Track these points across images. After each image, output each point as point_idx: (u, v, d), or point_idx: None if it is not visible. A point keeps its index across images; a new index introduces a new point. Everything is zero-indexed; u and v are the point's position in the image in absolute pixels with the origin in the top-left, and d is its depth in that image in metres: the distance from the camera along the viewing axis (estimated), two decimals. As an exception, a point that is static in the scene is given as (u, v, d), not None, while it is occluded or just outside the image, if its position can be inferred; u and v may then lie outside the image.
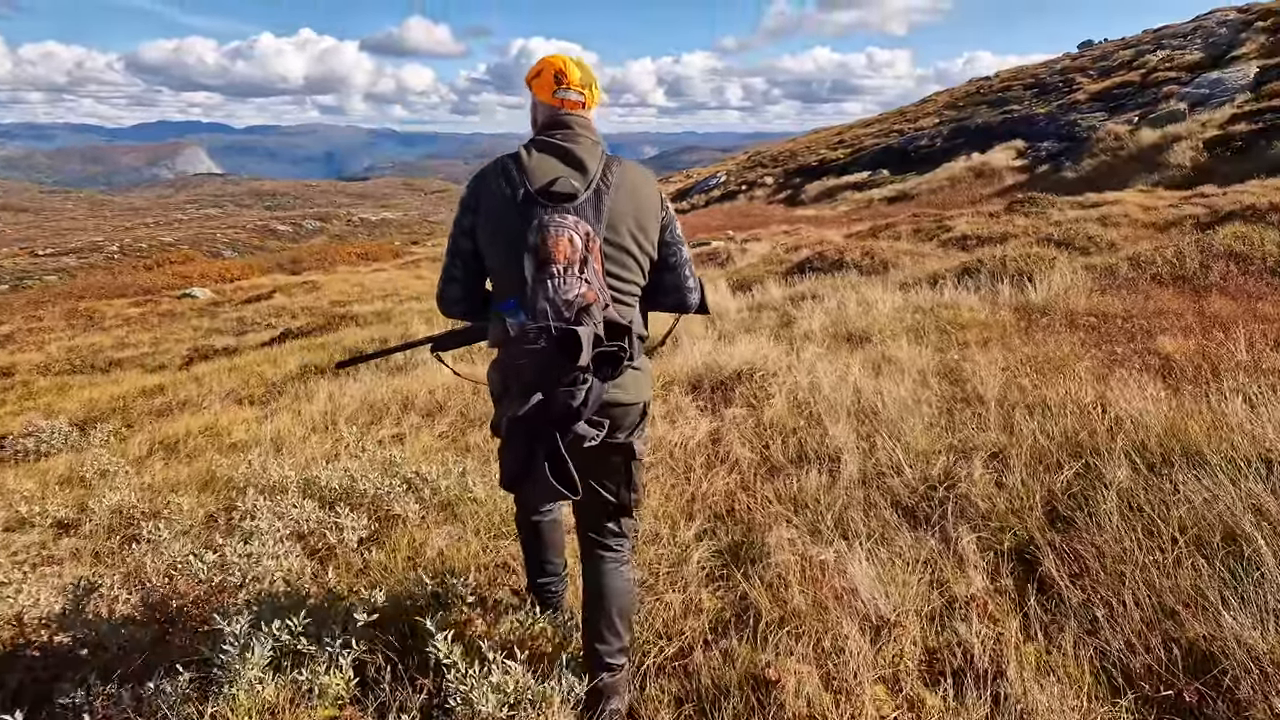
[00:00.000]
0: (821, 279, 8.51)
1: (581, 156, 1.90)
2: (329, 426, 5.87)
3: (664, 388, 5.38)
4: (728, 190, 44.96)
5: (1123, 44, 34.22)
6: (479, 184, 1.95)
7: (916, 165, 32.24)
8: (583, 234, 1.78)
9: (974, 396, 3.92)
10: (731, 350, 5.86)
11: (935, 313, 6.04)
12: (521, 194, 1.83)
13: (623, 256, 1.88)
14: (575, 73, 1.97)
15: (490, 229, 1.90)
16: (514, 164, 1.89)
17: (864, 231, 12.89)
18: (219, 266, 30.98)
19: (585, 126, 1.98)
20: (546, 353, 1.70)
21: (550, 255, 1.75)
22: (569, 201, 1.82)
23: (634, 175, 1.94)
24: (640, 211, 1.91)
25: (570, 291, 1.73)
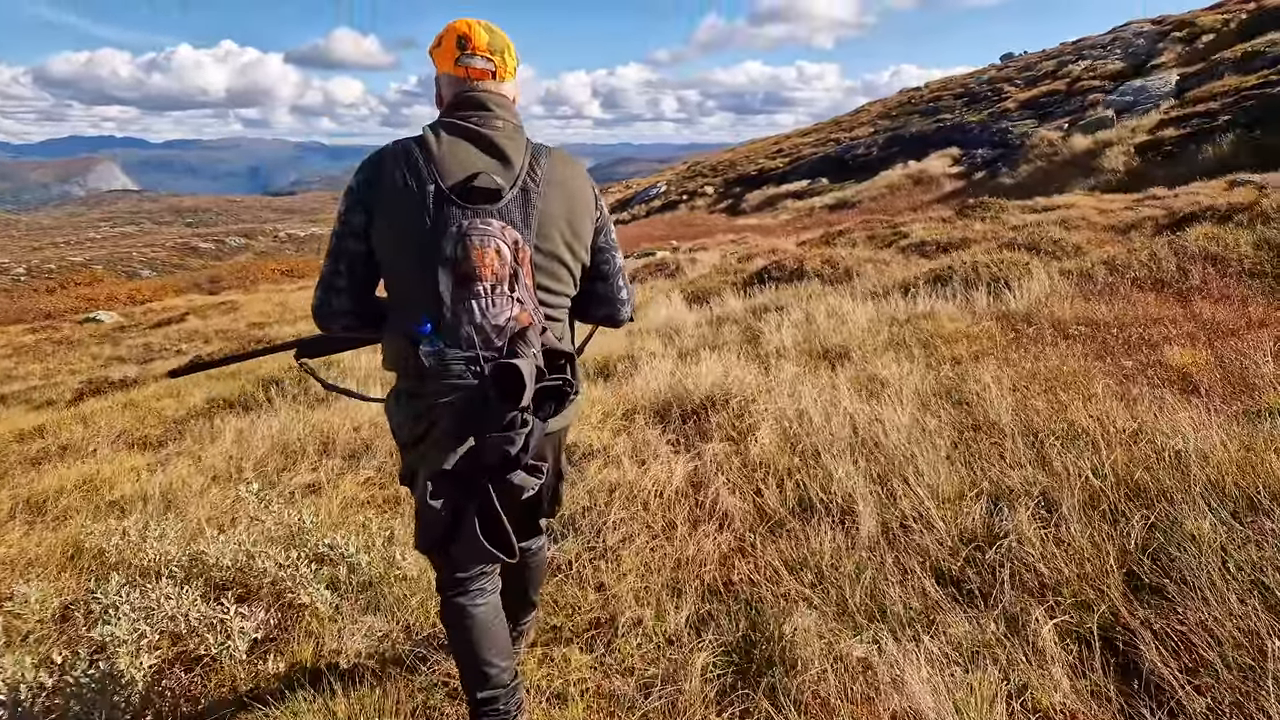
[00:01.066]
0: (783, 289, 8.03)
1: (503, 145, 1.57)
2: (234, 474, 5.05)
3: (626, 418, 4.76)
4: (668, 200, 44.78)
5: (1044, 55, 35.37)
6: (374, 172, 1.57)
7: (855, 173, 32.58)
8: (511, 243, 1.49)
9: (987, 423, 3.41)
10: (698, 371, 5.27)
11: (914, 324, 5.58)
12: (432, 191, 1.50)
13: (555, 266, 1.62)
14: (483, 36, 1.64)
15: (391, 232, 1.55)
16: (420, 150, 1.54)
17: (817, 239, 12.56)
18: (129, 288, 29.03)
19: (503, 106, 1.64)
20: (477, 390, 1.42)
21: (474, 270, 1.45)
22: (492, 202, 1.51)
23: (566, 169, 1.64)
24: (573, 212, 1.63)
25: (501, 315, 1.45)
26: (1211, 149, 14.10)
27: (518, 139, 1.61)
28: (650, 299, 9.54)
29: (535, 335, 1.47)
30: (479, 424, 1.42)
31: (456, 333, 1.45)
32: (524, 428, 1.43)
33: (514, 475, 1.47)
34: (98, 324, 21.91)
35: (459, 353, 1.44)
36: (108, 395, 8.92)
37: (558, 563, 2.86)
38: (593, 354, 6.87)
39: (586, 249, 1.69)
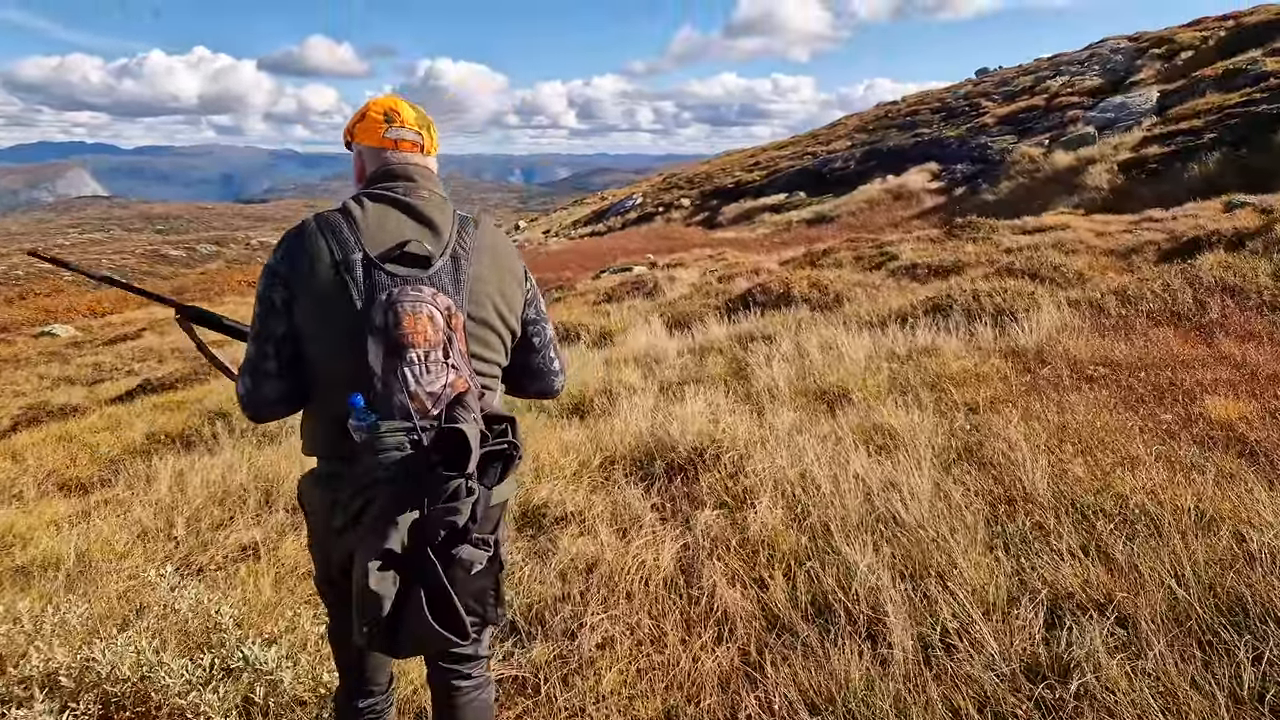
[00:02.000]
0: (769, 316, 7.60)
1: (430, 214, 1.55)
2: (164, 530, 4.49)
3: (604, 469, 4.27)
4: (644, 212, 44.41)
5: (1021, 70, 35.58)
6: (296, 247, 1.51)
7: (833, 187, 32.41)
8: (444, 309, 1.46)
9: (1021, 493, 2.97)
10: (683, 413, 4.80)
11: (916, 361, 5.16)
12: (360, 260, 1.45)
13: (486, 334, 1.58)
14: (409, 112, 1.66)
15: (317, 306, 1.47)
16: (345, 220, 1.50)
17: (800, 259, 12.17)
18: (89, 299, 28.02)
19: (429, 178, 1.63)
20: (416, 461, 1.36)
21: (406, 338, 1.41)
22: (423, 269, 1.48)
23: (494, 238, 1.62)
24: (504, 281, 1.60)
25: (436, 382, 1.41)
26: (1198, 167, 13.95)
27: (445, 209, 1.57)
28: (629, 322, 9.07)
29: (474, 400, 1.41)
30: (421, 497, 1.34)
31: (390, 403, 1.38)
32: (470, 496, 1.35)
33: (461, 550, 1.39)
34: (53, 338, 21.00)
35: (394, 424, 1.37)
36: (45, 425, 8.26)
37: (523, 679, 2.36)
38: (567, 389, 6.37)
39: (517, 319, 1.65)
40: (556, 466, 4.28)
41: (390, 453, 1.35)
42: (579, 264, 24.92)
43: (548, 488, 3.95)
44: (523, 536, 3.55)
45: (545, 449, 4.52)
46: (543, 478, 4.16)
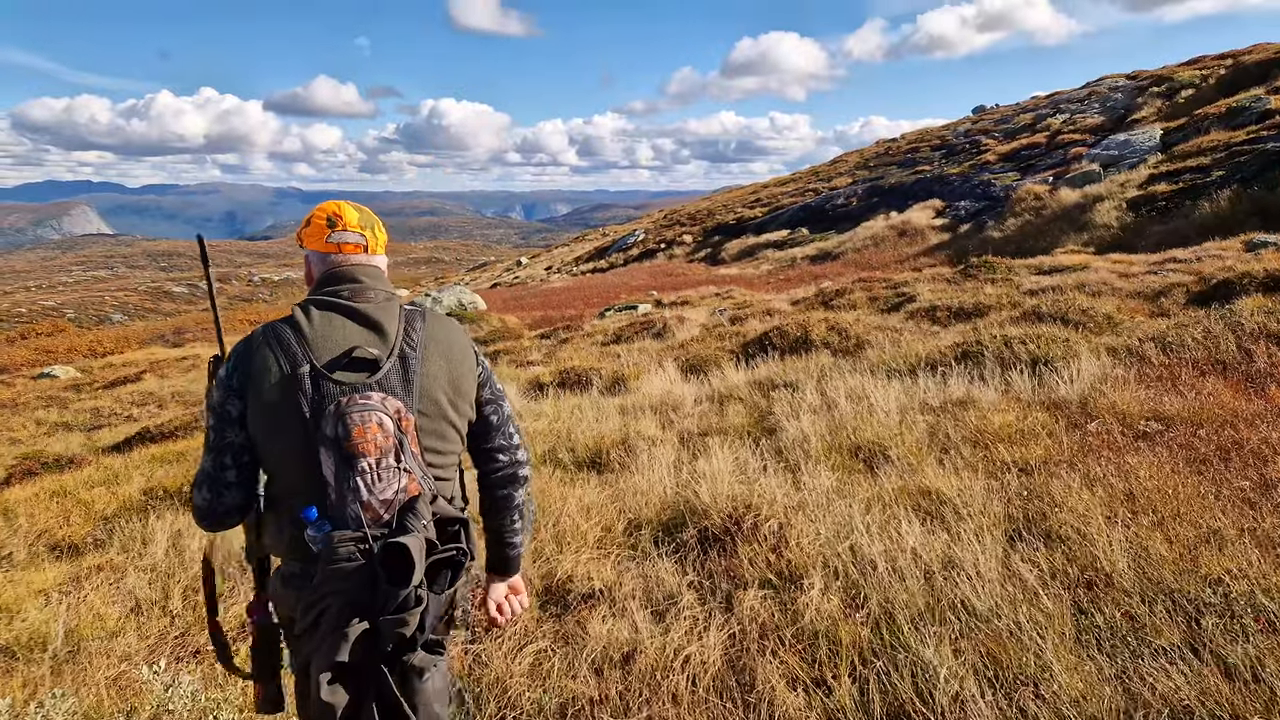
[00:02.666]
0: (788, 361, 7.36)
1: (377, 317, 1.56)
2: (160, 601, 4.21)
3: (630, 535, 4.00)
4: (646, 248, 44.59)
5: (1019, 108, 35.92)
6: (245, 359, 1.52)
7: (836, 224, 32.52)
8: (393, 413, 1.48)
9: (1101, 576, 2.70)
10: (708, 469, 4.55)
11: (952, 414, 4.91)
12: (307, 370, 1.47)
13: (441, 427, 1.58)
14: (352, 214, 1.67)
15: (269, 417, 1.49)
16: (292, 332, 1.52)
17: (812, 300, 11.98)
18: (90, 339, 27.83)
19: (375, 277, 1.65)
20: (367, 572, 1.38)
21: (357, 448, 1.43)
22: (371, 373, 1.50)
23: (441, 329, 1.64)
24: (455, 371, 1.61)
25: (388, 489, 1.44)
26: (1209, 205, 13.86)
27: (390, 308, 1.60)
28: (641, 367, 8.85)
29: (425, 505, 1.45)
30: (370, 608, 1.38)
31: (343, 513, 1.43)
32: (418, 606, 1.38)
33: (412, 657, 1.43)
34: (52, 379, 20.76)
35: (347, 533, 1.41)
36: (40, 478, 7.97)
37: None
38: (583, 440, 6.13)
39: (472, 405, 1.68)
40: (578, 533, 4.01)
41: (342, 563, 1.38)
42: (583, 301, 24.82)
43: (571, 559, 3.67)
44: (547, 617, 3.27)
45: (565, 511, 4.25)
46: (564, 546, 3.89)
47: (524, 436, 1.82)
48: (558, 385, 8.29)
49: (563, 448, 6.06)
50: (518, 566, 1.90)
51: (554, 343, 14.18)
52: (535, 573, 3.65)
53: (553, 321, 19.85)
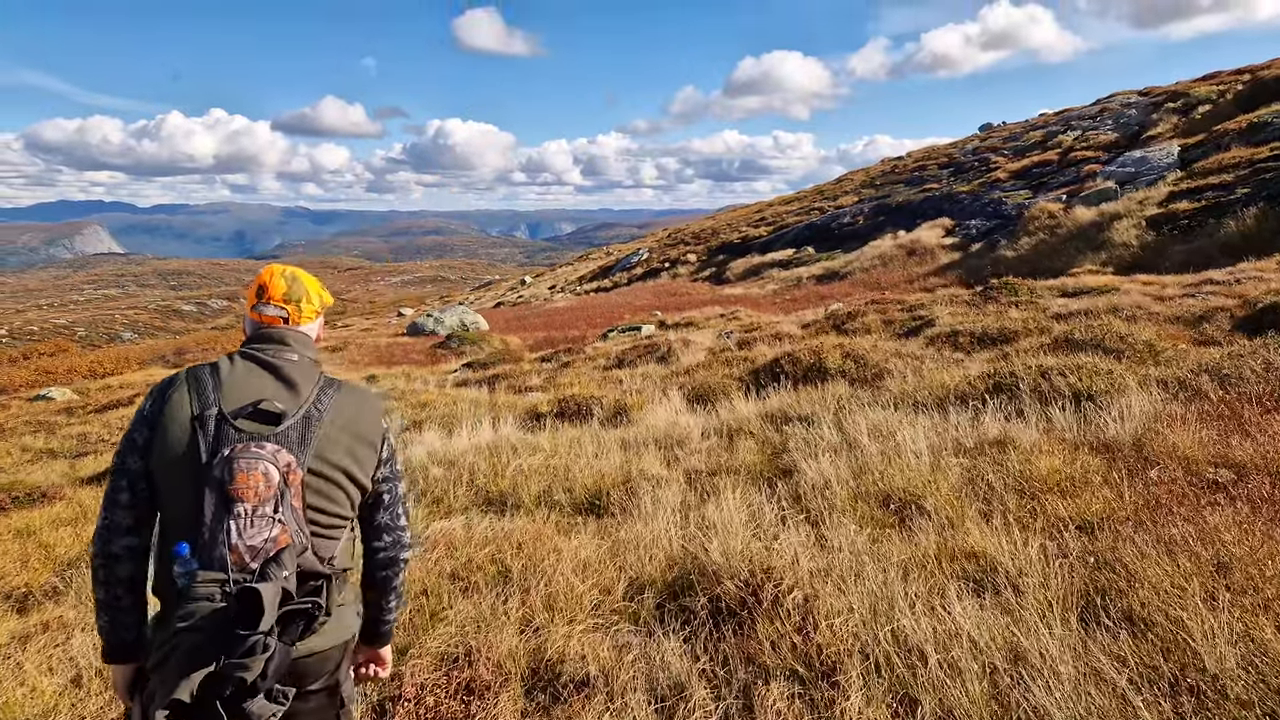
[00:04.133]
0: (802, 392, 6.88)
1: (293, 375, 1.67)
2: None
3: (629, 599, 3.51)
4: (650, 268, 44.29)
5: (1028, 125, 35.58)
6: (163, 395, 1.63)
7: (842, 242, 32.15)
8: (282, 465, 1.55)
9: (1205, 679, 2.20)
10: (718, 518, 4.07)
11: (990, 456, 4.42)
12: (213, 414, 1.57)
13: (330, 488, 1.65)
14: (280, 286, 1.79)
15: (168, 453, 1.57)
16: (210, 376, 1.64)
17: (823, 323, 11.51)
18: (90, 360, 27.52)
19: (300, 343, 1.76)
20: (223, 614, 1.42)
21: (237, 493, 1.50)
22: (273, 426, 1.58)
23: (352, 402, 1.73)
24: (357, 441, 1.70)
25: (258, 536, 1.49)
26: (1235, 224, 13.36)
27: (311, 372, 1.70)
28: (645, 395, 8.38)
29: (291, 557, 1.50)
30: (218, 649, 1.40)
31: (211, 553, 1.47)
32: (264, 653, 1.41)
33: (251, 704, 1.45)
34: (48, 401, 20.40)
35: (210, 574, 1.45)
36: (8, 514, 7.52)
37: None
38: (582, 479, 5.66)
39: (368, 477, 1.73)
40: (572, 596, 3.52)
41: (201, 602, 1.42)
42: (586, 322, 24.39)
43: (563, 631, 3.19)
44: (534, 709, 2.78)
45: (559, 570, 3.77)
46: (556, 613, 3.40)
47: (409, 519, 1.91)
48: (556, 415, 7.83)
49: (559, 488, 5.58)
50: (387, 640, 1.99)
51: (555, 366, 13.73)
52: (523, 648, 3.16)
53: (555, 343, 19.42)
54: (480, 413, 8.53)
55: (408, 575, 4.04)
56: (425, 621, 3.55)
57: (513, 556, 4.23)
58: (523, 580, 3.84)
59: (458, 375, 14.46)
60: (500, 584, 3.90)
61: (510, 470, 5.95)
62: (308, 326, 1.82)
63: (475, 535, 4.64)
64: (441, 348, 20.61)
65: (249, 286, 1.83)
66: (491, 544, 4.40)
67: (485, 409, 8.88)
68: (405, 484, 1.93)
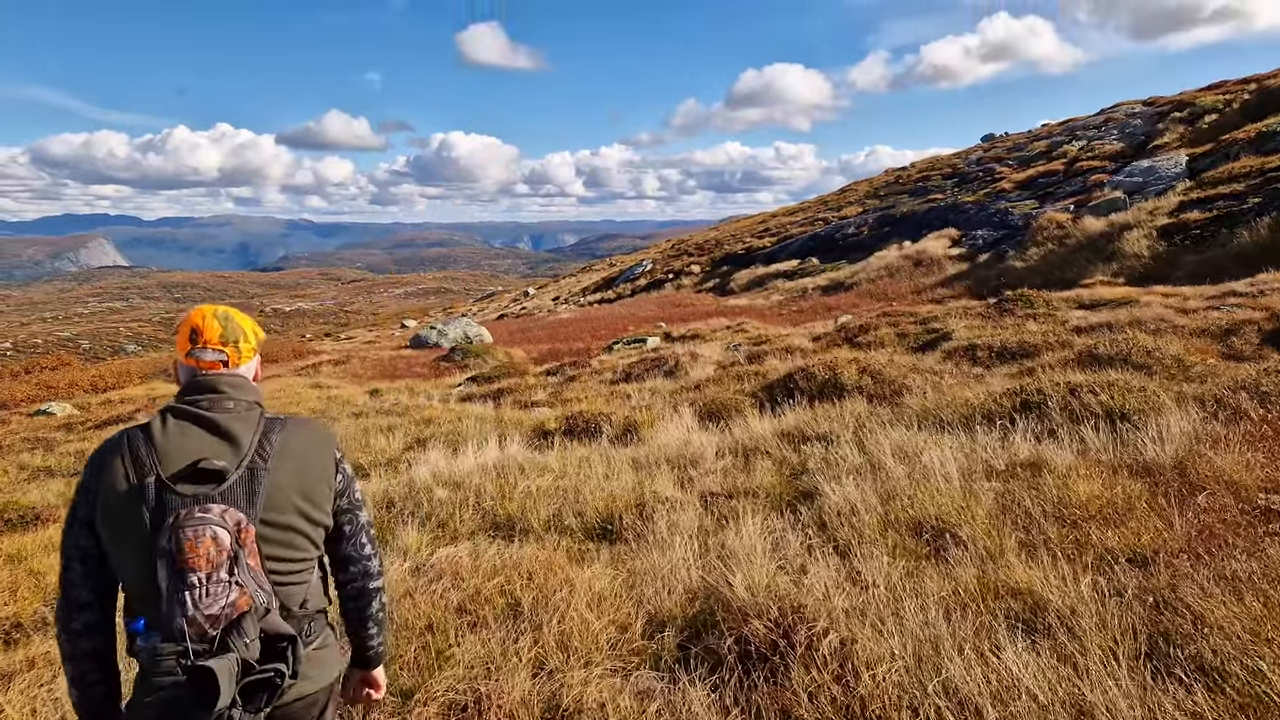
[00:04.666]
0: (818, 408, 6.67)
1: (230, 427, 1.59)
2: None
3: (648, 637, 3.30)
4: (654, 279, 44.19)
5: (1031, 135, 35.48)
6: (98, 467, 1.57)
7: (847, 253, 32.02)
8: (232, 525, 1.48)
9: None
10: (740, 546, 3.87)
11: (1023, 479, 4.21)
12: (152, 482, 1.50)
13: (288, 535, 1.60)
14: (214, 328, 1.69)
15: (113, 528, 1.52)
16: (144, 441, 1.55)
17: (835, 336, 11.31)
18: (92, 374, 27.37)
19: (237, 386, 1.67)
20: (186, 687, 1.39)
21: (189, 562, 1.43)
22: (216, 484, 1.52)
23: (300, 440, 1.67)
24: (307, 480, 1.65)
25: (215, 604, 1.43)
26: (1248, 233, 13.17)
27: (249, 418, 1.62)
28: (655, 411, 8.17)
29: (253, 621, 1.46)
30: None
31: (170, 626, 1.42)
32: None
33: None
34: (48, 416, 20.23)
35: (171, 646, 1.41)
36: (3, 537, 7.32)
37: None
38: (593, 502, 5.45)
39: (327, 513, 1.70)
40: (588, 635, 3.31)
41: (164, 676, 1.41)
42: (590, 334, 24.21)
43: (579, 676, 2.97)
44: (549, 768, 2.57)
45: (573, 605, 3.56)
46: (571, 653, 3.19)
47: (375, 548, 1.84)
48: (564, 433, 7.62)
49: (569, 511, 5.37)
50: (378, 663, 1.94)
51: (560, 380, 13.53)
52: (536, 695, 2.95)
53: (559, 355, 19.22)
54: (486, 430, 8.33)
55: (412, 607, 3.82)
56: (431, 661, 3.35)
57: (523, 588, 4.02)
58: (534, 615, 3.63)
59: (462, 390, 14.27)
60: (510, 618, 3.70)
61: (519, 492, 5.75)
62: (245, 367, 1.74)
63: (483, 564, 4.43)
64: (445, 361, 20.43)
65: (178, 331, 1.73)
66: (500, 574, 4.19)
67: (491, 426, 8.68)
68: (368, 511, 1.85)
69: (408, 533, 5.26)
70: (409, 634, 3.64)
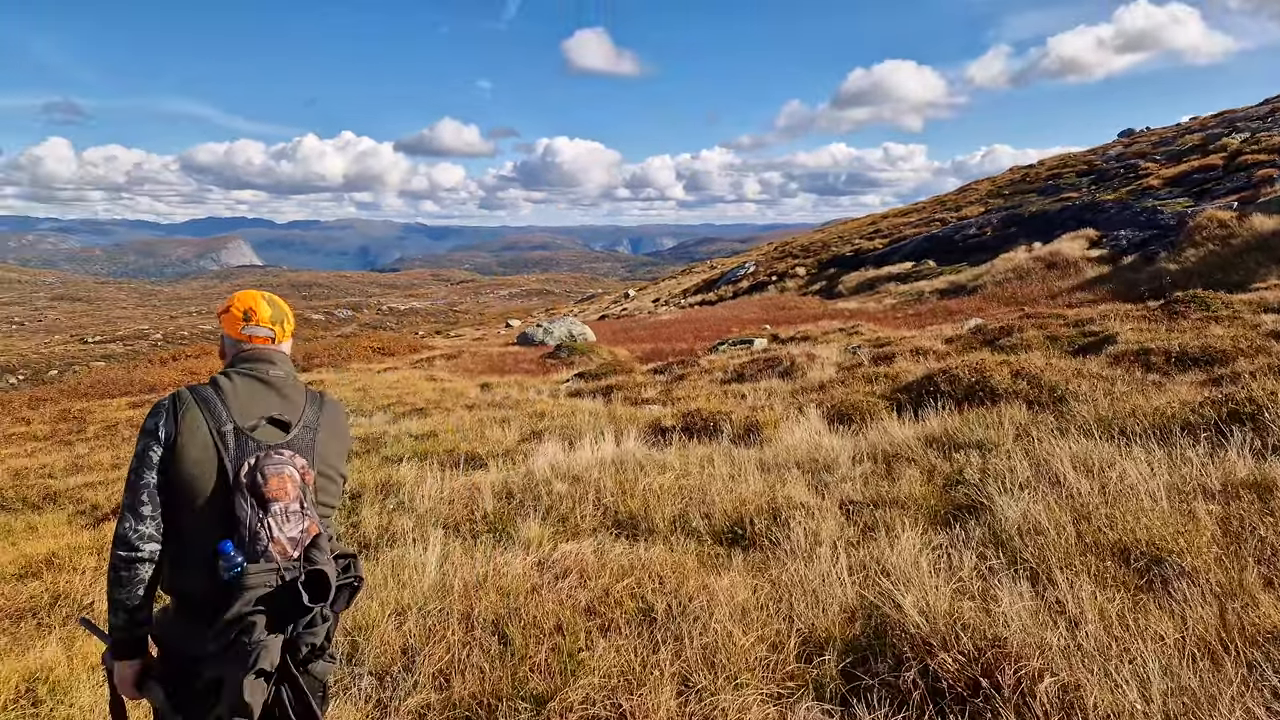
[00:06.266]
0: (967, 414, 6.04)
1: (288, 391, 1.90)
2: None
3: (806, 658, 2.90)
4: (757, 281, 43.35)
5: (1180, 129, 32.48)
6: (172, 415, 1.80)
7: (967, 255, 30.28)
8: (300, 468, 1.80)
9: None
10: (896, 560, 3.40)
11: (1247, 500, 3.53)
12: (230, 430, 1.78)
13: (329, 484, 1.95)
14: (265, 310, 1.97)
15: (191, 466, 1.76)
16: (216, 395, 1.83)
17: (969, 338, 10.47)
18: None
19: (283, 361, 1.97)
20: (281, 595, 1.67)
21: (272, 494, 1.73)
22: (284, 433, 1.82)
23: (332, 411, 2.00)
24: (340, 443, 1.99)
25: (294, 529, 1.73)
26: None
27: (298, 387, 1.96)
28: (776, 412, 7.69)
29: (325, 542, 1.77)
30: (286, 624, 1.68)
31: (256, 549, 1.68)
32: (325, 623, 1.73)
33: (315, 665, 1.77)
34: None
35: (260, 566, 1.67)
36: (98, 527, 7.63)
37: None
38: (720, 504, 5.07)
39: (346, 469, 2.05)
40: (734, 650, 2.94)
41: (258, 589, 1.66)
42: (693, 335, 23.81)
43: (732, 700, 2.60)
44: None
45: (714, 616, 3.19)
46: (718, 670, 2.83)
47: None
48: (682, 431, 7.27)
49: (696, 512, 5.01)
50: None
51: (669, 378, 13.21)
52: (683, 717, 2.60)
53: (663, 355, 18.93)
54: (600, 425, 8.09)
55: (539, 605, 3.54)
56: (562, 664, 3.06)
57: (654, 592, 3.69)
58: (670, 624, 3.29)
59: (570, 385, 14.20)
60: (643, 625, 3.37)
61: (640, 490, 5.44)
62: (286, 345, 2.04)
63: (609, 563, 4.14)
64: (551, 358, 20.56)
65: (226, 310, 1.98)
66: (630, 575, 3.88)
67: (605, 421, 8.44)
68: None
69: (529, 526, 5.04)
70: (537, 633, 3.38)
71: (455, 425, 9.43)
